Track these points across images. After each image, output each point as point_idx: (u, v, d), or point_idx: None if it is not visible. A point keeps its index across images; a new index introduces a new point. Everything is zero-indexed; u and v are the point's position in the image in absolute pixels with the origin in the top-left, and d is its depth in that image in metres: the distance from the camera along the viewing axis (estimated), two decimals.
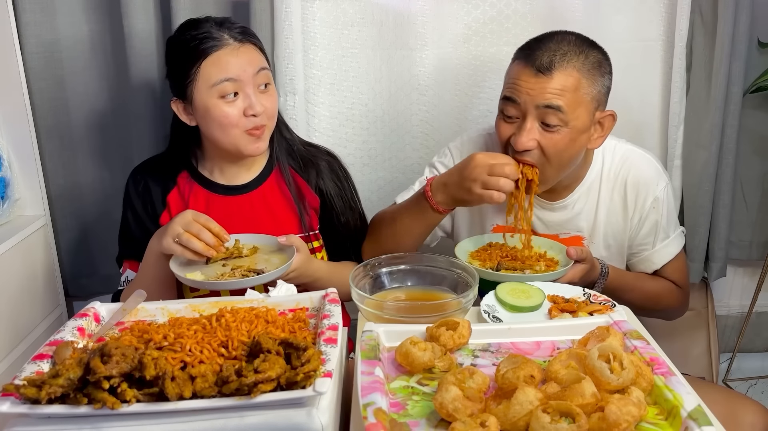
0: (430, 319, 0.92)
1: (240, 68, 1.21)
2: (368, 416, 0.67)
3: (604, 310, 1.05)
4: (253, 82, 1.22)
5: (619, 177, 1.35)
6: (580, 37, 1.24)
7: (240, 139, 1.24)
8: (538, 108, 1.19)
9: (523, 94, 1.20)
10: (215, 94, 1.20)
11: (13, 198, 1.57)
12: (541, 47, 1.20)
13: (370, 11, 1.61)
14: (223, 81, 1.20)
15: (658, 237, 1.38)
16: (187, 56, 1.22)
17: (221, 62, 1.20)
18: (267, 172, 1.36)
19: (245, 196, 1.34)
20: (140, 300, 0.94)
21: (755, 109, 1.67)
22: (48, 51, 1.56)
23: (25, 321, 1.54)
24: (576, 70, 1.19)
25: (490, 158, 1.18)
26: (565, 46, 1.20)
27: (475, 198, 1.19)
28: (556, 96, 1.18)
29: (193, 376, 0.71)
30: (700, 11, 1.56)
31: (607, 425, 0.66)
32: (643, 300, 1.37)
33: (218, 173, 1.34)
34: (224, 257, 1.19)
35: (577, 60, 1.20)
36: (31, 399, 0.68)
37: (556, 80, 1.18)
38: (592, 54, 1.22)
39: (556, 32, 1.24)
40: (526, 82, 1.20)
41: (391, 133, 1.71)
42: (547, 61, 1.18)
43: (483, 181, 1.16)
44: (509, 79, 1.25)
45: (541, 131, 1.21)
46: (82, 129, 1.64)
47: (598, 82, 1.22)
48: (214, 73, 1.20)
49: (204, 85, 1.21)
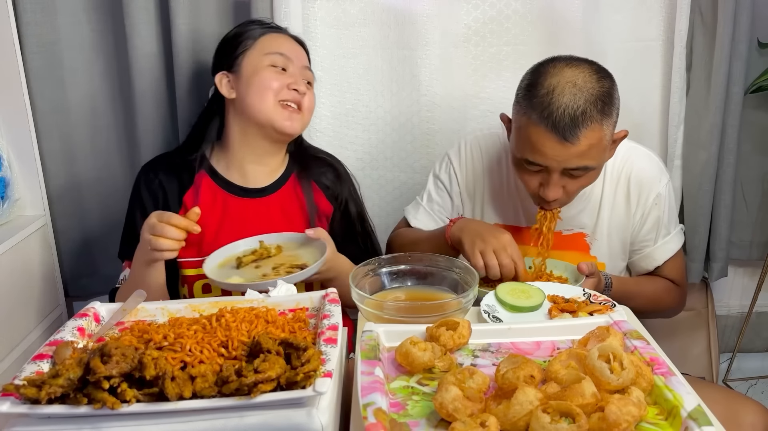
0: (430, 319, 0.92)
1: (293, 52, 1.33)
2: (368, 416, 0.67)
3: (604, 310, 1.05)
4: (300, 72, 1.32)
5: (622, 174, 1.35)
6: (585, 71, 1.17)
7: (275, 108, 1.28)
8: (566, 168, 1.18)
9: (550, 160, 1.17)
10: (267, 62, 1.29)
11: (13, 198, 1.57)
12: (560, 107, 1.13)
13: (371, 11, 1.62)
14: (276, 53, 1.30)
15: (660, 234, 1.39)
16: (249, 32, 1.33)
17: (279, 40, 1.33)
18: (285, 177, 1.37)
19: (262, 199, 1.34)
20: (140, 300, 0.94)
21: (755, 109, 1.67)
22: (49, 51, 1.56)
23: (25, 321, 1.54)
24: (597, 123, 1.15)
25: (511, 247, 1.19)
26: (581, 99, 1.13)
27: (469, 251, 1.20)
28: (585, 157, 1.16)
29: (193, 376, 0.71)
30: (700, 11, 1.56)
31: (607, 425, 0.66)
32: (645, 304, 1.37)
33: (237, 174, 1.34)
34: (254, 259, 1.21)
35: (595, 109, 1.14)
36: (31, 399, 0.68)
37: (583, 143, 1.14)
38: (602, 87, 1.16)
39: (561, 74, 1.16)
40: (552, 149, 1.15)
41: (392, 133, 1.71)
42: (571, 128, 1.13)
43: (488, 251, 1.18)
44: (529, 142, 1.17)
45: (568, 179, 1.21)
46: (83, 129, 1.63)
47: (613, 114, 1.19)
48: (271, 45, 1.31)
49: (258, 52, 1.30)
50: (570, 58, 1.21)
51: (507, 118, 1.29)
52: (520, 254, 1.20)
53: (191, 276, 1.30)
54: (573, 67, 1.17)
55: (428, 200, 1.48)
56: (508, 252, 1.18)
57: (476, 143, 1.44)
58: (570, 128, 1.13)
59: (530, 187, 1.25)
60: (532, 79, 1.19)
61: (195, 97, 1.57)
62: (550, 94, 1.14)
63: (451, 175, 1.45)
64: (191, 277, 1.30)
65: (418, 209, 1.48)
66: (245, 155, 1.33)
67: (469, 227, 1.25)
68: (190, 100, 1.57)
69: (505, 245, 1.19)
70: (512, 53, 1.64)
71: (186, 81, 1.55)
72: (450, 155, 1.46)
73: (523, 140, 1.19)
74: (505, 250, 1.18)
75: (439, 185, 1.47)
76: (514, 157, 1.24)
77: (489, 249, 1.18)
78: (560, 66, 1.18)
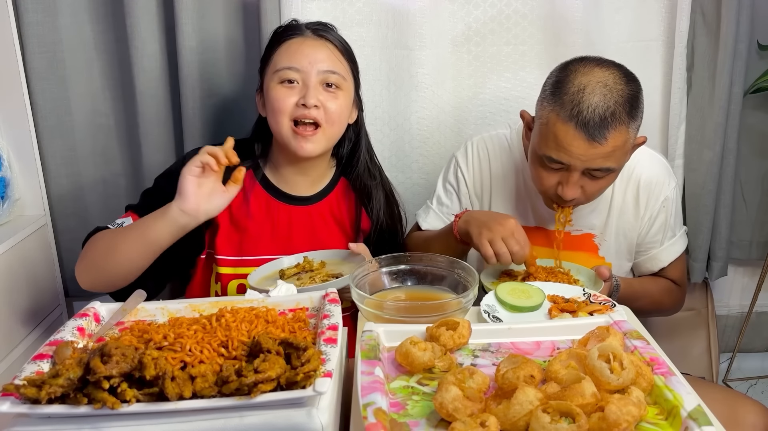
0: (430, 319, 0.92)
1: (306, 59, 1.22)
2: (368, 416, 0.67)
3: (604, 310, 1.05)
4: (318, 77, 1.22)
5: (632, 177, 1.36)
6: (615, 73, 1.16)
7: (286, 131, 1.23)
8: (588, 168, 1.18)
9: (574, 159, 1.16)
10: (276, 79, 1.23)
11: (13, 198, 1.57)
12: (590, 106, 1.12)
13: (369, 11, 1.61)
14: (284, 68, 1.22)
15: (666, 236, 1.40)
16: (268, 46, 1.27)
17: (290, 50, 1.23)
18: (330, 188, 1.37)
19: (305, 207, 1.34)
20: (140, 300, 0.94)
21: (755, 110, 1.67)
22: (50, 51, 1.56)
23: (25, 321, 1.54)
24: (625, 125, 1.14)
25: (518, 231, 1.18)
26: (611, 99, 1.13)
27: (477, 242, 1.19)
28: (609, 159, 1.16)
29: (193, 376, 0.71)
30: (702, 11, 1.56)
31: (607, 425, 0.66)
32: (649, 305, 1.39)
33: (282, 180, 1.33)
34: (296, 272, 1.22)
35: (624, 111, 1.13)
36: (31, 399, 0.68)
37: (609, 144, 1.13)
38: (631, 90, 1.15)
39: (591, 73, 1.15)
40: (578, 148, 1.14)
41: (390, 132, 1.71)
42: (600, 128, 1.12)
43: (496, 239, 1.17)
44: (555, 139, 1.16)
45: (587, 179, 1.20)
46: (83, 129, 1.63)
47: (638, 118, 1.18)
48: (281, 59, 1.23)
49: (271, 70, 1.24)
50: (599, 58, 1.20)
51: (528, 114, 1.28)
52: (527, 238, 1.19)
53: (226, 274, 1.30)
54: (603, 67, 1.17)
55: (438, 203, 1.48)
56: (516, 238, 1.17)
57: (483, 144, 1.44)
58: (599, 128, 1.12)
59: (546, 185, 1.23)
60: (560, 76, 1.19)
61: (198, 97, 1.57)
62: (581, 92, 1.14)
63: (459, 176, 1.45)
64: (226, 275, 1.30)
65: (428, 212, 1.49)
66: (285, 165, 1.32)
67: (475, 218, 1.24)
68: (194, 100, 1.57)
69: (512, 230, 1.18)
70: (512, 53, 1.64)
71: (190, 81, 1.55)
72: (457, 157, 1.46)
73: (549, 137, 1.17)
74: (513, 236, 1.17)
75: (448, 187, 1.47)
76: (535, 154, 1.23)
77: (497, 237, 1.17)
78: (590, 65, 1.17)
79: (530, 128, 1.27)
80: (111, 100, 1.63)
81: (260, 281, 1.20)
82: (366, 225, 1.39)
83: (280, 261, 1.26)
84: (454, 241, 1.28)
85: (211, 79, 1.59)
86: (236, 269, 1.29)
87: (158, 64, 1.55)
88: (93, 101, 1.62)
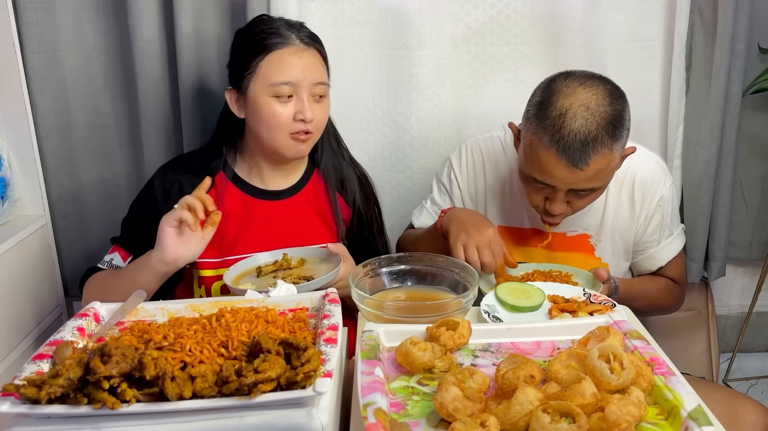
0: (430, 319, 0.92)
1: (300, 73, 1.22)
2: (368, 416, 0.67)
3: (604, 310, 1.05)
4: (310, 90, 1.23)
5: (627, 176, 1.36)
6: (599, 92, 1.14)
7: (284, 142, 1.24)
8: (573, 189, 1.18)
9: (558, 181, 1.16)
10: (270, 93, 1.21)
11: (13, 198, 1.57)
12: (571, 132, 1.11)
13: (368, 11, 1.61)
14: (281, 83, 1.20)
15: (663, 235, 1.40)
16: (252, 48, 1.23)
17: (284, 63, 1.21)
18: (305, 180, 1.37)
19: (281, 202, 1.34)
20: (140, 300, 0.94)
21: (755, 110, 1.67)
22: (50, 51, 1.55)
23: (25, 321, 1.54)
24: (608, 148, 1.13)
25: (494, 242, 1.18)
26: (592, 124, 1.11)
27: (452, 244, 1.20)
28: (593, 180, 1.16)
29: (193, 376, 0.71)
30: (700, 11, 1.56)
31: (607, 425, 0.66)
32: (648, 304, 1.39)
33: (257, 176, 1.33)
34: (274, 269, 1.22)
35: (606, 134, 1.12)
36: (31, 399, 0.68)
37: (591, 168, 1.13)
38: (614, 110, 1.14)
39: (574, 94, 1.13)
40: (560, 172, 1.14)
41: (390, 133, 1.71)
42: (581, 154, 1.11)
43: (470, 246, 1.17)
44: (538, 163, 1.16)
45: (573, 196, 1.21)
46: (83, 129, 1.63)
47: (623, 137, 1.17)
48: (275, 72, 1.21)
49: (262, 81, 1.21)
50: (584, 75, 1.18)
51: (515, 127, 1.28)
52: (502, 249, 1.20)
53: (209, 277, 1.30)
54: (586, 87, 1.14)
55: (432, 203, 1.50)
56: (490, 249, 1.17)
57: (477, 147, 1.44)
58: (580, 153, 1.12)
59: (534, 201, 1.25)
60: (543, 96, 1.17)
61: (198, 97, 1.57)
62: (562, 116, 1.12)
63: (452, 178, 1.45)
64: (209, 278, 1.30)
65: (422, 212, 1.50)
66: (262, 163, 1.32)
67: (458, 217, 1.24)
68: (193, 100, 1.57)
69: (489, 240, 1.18)
70: (512, 53, 1.64)
71: (189, 81, 1.55)
72: (451, 159, 1.47)
73: (532, 159, 1.18)
74: (488, 246, 1.17)
75: (442, 189, 1.48)
76: (521, 171, 1.24)
77: (472, 244, 1.17)
78: (573, 86, 1.15)
79: (519, 139, 1.27)
80: (111, 100, 1.63)
81: (236, 279, 1.19)
82: (346, 214, 1.39)
83: (255, 258, 1.25)
84: (439, 238, 1.28)
85: (211, 78, 1.59)
86: (218, 271, 1.28)
87: (159, 63, 1.55)
88: (93, 101, 1.62)
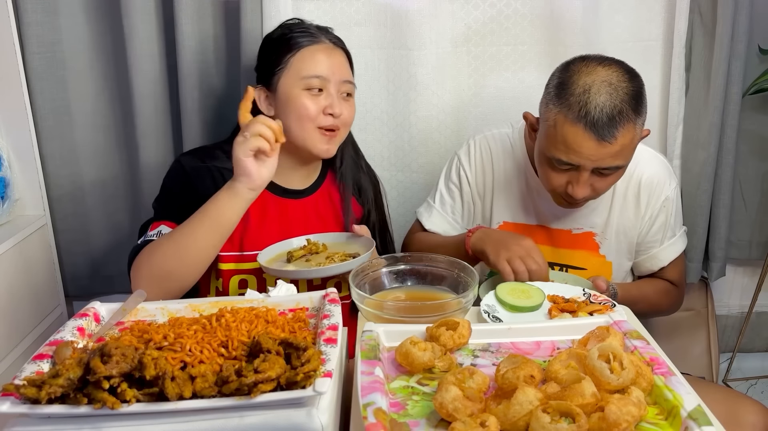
0: (430, 319, 0.92)
1: (330, 68, 1.26)
2: (368, 416, 0.67)
3: (604, 310, 1.05)
4: (338, 86, 1.27)
5: (633, 176, 1.36)
6: (618, 70, 1.16)
7: (313, 135, 1.27)
8: (598, 167, 1.18)
9: (584, 159, 1.16)
10: (301, 86, 1.25)
11: (13, 198, 1.57)
12: (597, 106, 1.12)
13: (367, 11, 1.62)
14: (312, 77, 1.24)
15: (666, 236, 1.40)
16: (283, 46, 1.27)
17: (315, 57, 1.26)
18: (320, 181, 1.40)
19: (299, 200, 1.36)
20: (140, 300, 0.94)
21: (755, 111, 1.67)
22: (49, 51, 1.55)
23: (25, 321, 1.54)
24: (632, 122, 1.15)
25: (535, 251, 1.20)
26: (617, 98, 1.13)
27: (495, 261, 1.21)
28: (618, 157, 1.16)
29: (193, 376, 0.71)
30: (699, 11, 1.57)
31: (607, 425, 0.66)
32: (647, 308, 1.39)
33: (278, 175, 1.30)
34: (303, 254, 1.25)
35: (630, 108, 1.14)
36: (31, 399, 0.68)
37: (619, 142, 1.14)
38: (635, 87, 1.16)
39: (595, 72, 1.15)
40: (588, 149, 1.14)
41: (389, 132, 1.71)
42: (609, 128, 1.12)
43: (514, 258, 1.19)
44: (564, 142, 1.16)
45: (596, 177, 1.21)
46: (83, 129, 1.63)
47: (644, 113, 1.18)
48: (306, 66, 1.25)
49: (293, 75, 1.25)
50: (600, 57, 1.20)
51: (531, 116, 1.28)
52: (543, 257, 1.21)
53: (227, 270, 1.30)
54: (605, 66, 1.17)
55: (440, 201, 1.48)
56: (533, 257, 1.19)
57: (485, 143, 1.44)
58: (608, 127, 1.12)
59: (555, 185, 1.24)
60: (563, 77, 1.18)
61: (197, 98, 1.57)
62: (587, 92, 1.14)
63: (462, 175, 1.45)
64: (227, 272, 1.30)
65: (431, 211, 1.49)
66: (285, 162, 1.31)
67: (491, 236, 1.26)
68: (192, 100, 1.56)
69: (530, 250, 1.20)
70: (512, 53, 1.65)
71: (189, 81, 1.55)
72: (460, 155, 1.46)
73: (557, 139, 1.18)
74: (530, 256, 1.19)
75: (450, 186, 1.47)
76: (543, 155, 1.23)
77: (515, 257, 1.19)
78: (592, 65, 1.17)
79: (534, 129, 1.27)
80: (110, 101, 1.63)
81: (270, 261, 1.23)
82: (358, 214, 1.42)
83: (289, 242, 1.29)
84: (464, 255, 1.28)
85: (210, 78, 1.59)
86: (238, 265, 1.29)
87: (157, 65, 1.55)
88: (93, 101, 1.62)
